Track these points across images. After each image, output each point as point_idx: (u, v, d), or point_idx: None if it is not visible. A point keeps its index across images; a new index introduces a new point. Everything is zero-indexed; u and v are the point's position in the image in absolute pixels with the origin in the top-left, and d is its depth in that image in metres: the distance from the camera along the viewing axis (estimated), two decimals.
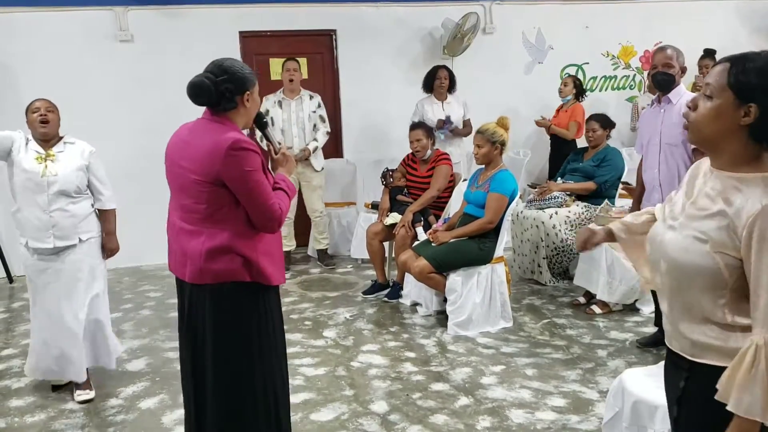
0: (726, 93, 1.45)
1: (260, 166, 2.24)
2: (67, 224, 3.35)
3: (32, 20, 5.82)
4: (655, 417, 2.27)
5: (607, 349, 3.91)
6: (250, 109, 2.33)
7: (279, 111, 5.63)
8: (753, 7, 7.00)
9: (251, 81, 2.31)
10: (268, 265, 2.30)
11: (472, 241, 4.27)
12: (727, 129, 1.46)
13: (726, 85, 1.45)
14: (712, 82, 1.48)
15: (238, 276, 2.25)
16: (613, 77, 7.03)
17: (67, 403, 3.44)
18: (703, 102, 1.50)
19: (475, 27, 6.24)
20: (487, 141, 4.27)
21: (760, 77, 1.42)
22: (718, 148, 1.50)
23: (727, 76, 1.45)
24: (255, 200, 2.21)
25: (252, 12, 6.18)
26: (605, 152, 5.14)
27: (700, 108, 1.50)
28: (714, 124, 1.47)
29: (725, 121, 1.45)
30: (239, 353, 2.33)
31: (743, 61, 1.45)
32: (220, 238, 2.22)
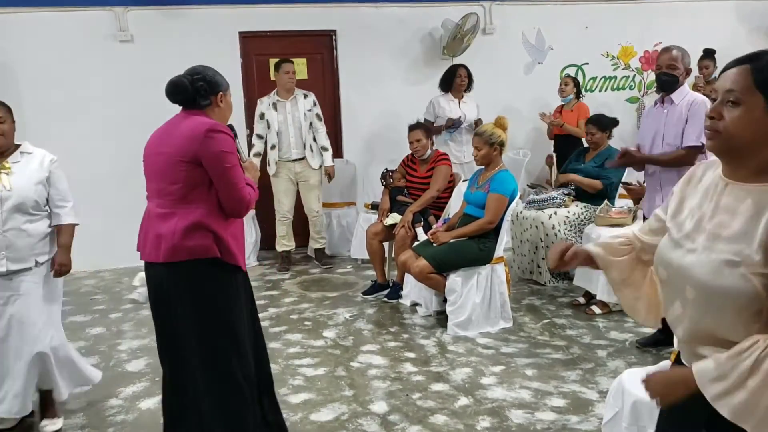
0: (755, 96, 1.33)
1: (236, 151, 2.45)
2: (23, 245, 2.98)
3: (32, 20, 5.82)
4: (656, 417, 2.27)
5: (606, 349, 3.91)
6: (224, 110, 2.57)
7: (274, 113, 5.63)
8: (752, 7, 6.99)
9: (224, 85, 2.57)
10: (234, 247, 2.46)
11: (472, 242, 4.27)
12: (764, 133, 1.34)
13: (752, 86, 1.33)
14: (734, 88, 1.36)
15: (210, 252, 2.40)
16: (613, 78, 7.03)
17: (67, 404, 3.43)
18: (728, 110, 1.37)
19: (474, 27, 6.24)
20: (485, 143, 4.27)
21: None
22: (748, 157, 1.37)
23: (751, 77, 1.34)
24: (227, 180, 2.39)
25: (252, 12, 6.18)
26: (608, 153, 5.14)
27: (727, 117, 1.36)
28: (748, 132, 1.34)
29: (761, 125, 1.33)
30: (215, 331, 2.47)
31: (762, 58, 1.35)
32: (193, 216, 2.39)
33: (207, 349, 2.48)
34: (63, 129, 5.85)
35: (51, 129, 5.80)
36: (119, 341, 4.28)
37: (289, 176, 5.73)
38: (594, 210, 4.98)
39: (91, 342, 4.33)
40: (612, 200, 5.05)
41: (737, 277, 1.32)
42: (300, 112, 5.67)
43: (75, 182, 2.95)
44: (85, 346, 4.23)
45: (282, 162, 5.69)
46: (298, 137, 5.66)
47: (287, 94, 5.66)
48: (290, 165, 5.71)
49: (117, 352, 4.14)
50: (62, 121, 5.87)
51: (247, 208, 2.46)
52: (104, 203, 5.76)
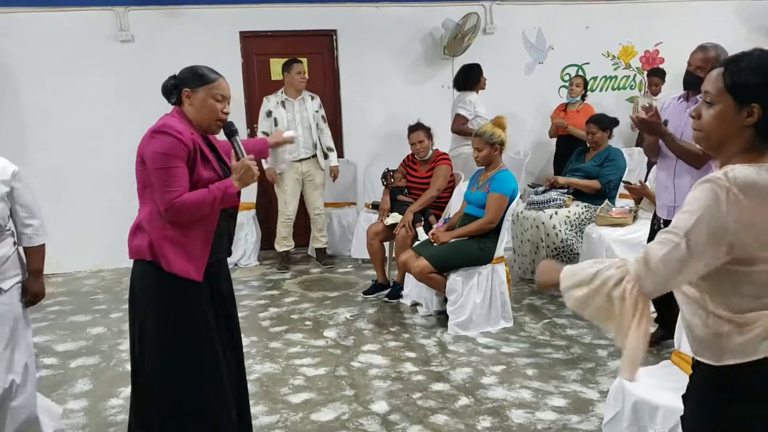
0: (725, 97, 1.46)
1: (178, 153, 2.31)
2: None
3: (32, 20, 5.82)
4: (656, 417, 2.27)
5: (607, 349, 3.91)
6: (196, 107, 2.40)
7: (283, 111, 5.63)
8: (753, 7, 6.99)
9: (192, 82, 2.40)
10: (170, 252, 2.36)
11: (472, 242, 4.27)
12: (732, 132, 1.47)
13: (723, 89, 1.46)
14: (710, 89, 1.50)
15: (143, 254, 2.38)
16: (614, 77, 7.03)
17: (67, 404, 3.44)
18: (705, 110, 1.51)
19: (475, 27, 6.24)
20: (486, 143, 4.27)
21: (756, 75, 1.43)
22: (727, 150, 1.50)
23: (723, 80, 1.47)
24: (158, 181, 2.31)
25: (252, 12, 6.18)
26: (607, 152, 5.15)
27: (703, 116, 1.52)
28: (719, 130, 1.48)
29: (729, 124, 1.46)
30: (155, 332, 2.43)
31: (736, 63, 1.47)
32: (140, 216, 2.42)
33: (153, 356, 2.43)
34: (63, 129, 5.85)
35: (51, 129, 5.81)
36: (120, 341, 4.28)
37: (297, 177, 5.73)
38: (594, 210, 4.98)
39: (92, 342, 4.33)
40: (612, 200, 5.04)
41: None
42: (309, 113, 5.68)
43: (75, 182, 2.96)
44: (85, 345, 4.24)
45: (291, 161, 5.67)
46: (307, 137, 5.68)
47: (296, 93, 5.66)
48: (297, 165, 5.71)
49: (117, 351, 4.14)
50: (63, 121, 5.87)
51: (173, 212, 2.30)
52: (104, 203, 5.77)
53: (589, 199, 5.12)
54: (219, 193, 2.36)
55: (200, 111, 2.41)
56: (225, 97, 2.46)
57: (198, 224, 2.39)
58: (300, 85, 5.61)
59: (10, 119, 5.84)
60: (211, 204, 2.35)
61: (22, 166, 5.78)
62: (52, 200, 5.70)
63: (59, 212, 5.61)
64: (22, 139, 5.86)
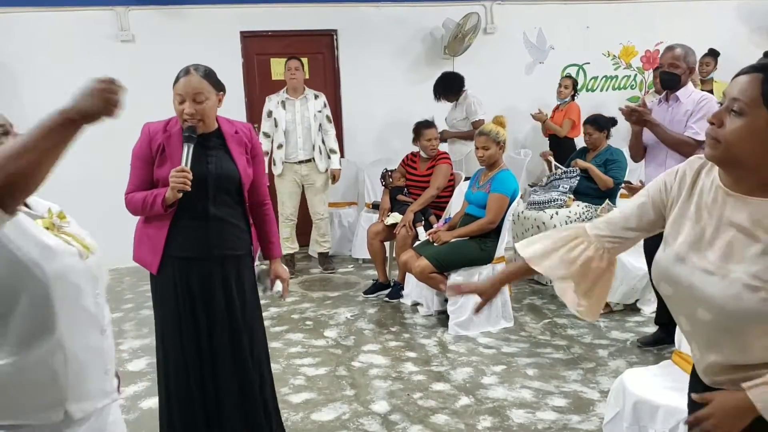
0: (759, 110, 1.26)
1: (138, 153, 2.48)
2: None
3: (33, 20, 5.83)
4: (656, 417, 2.27)
5: (608, 348, 3.91)
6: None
7: (282, 111, 5.56)
8: (753, 6, 6.99)
9: (173, 83, 2.50)
10: (137, 242, 2.55)
11: (473, 241, 4.27)
12: (759, 151, 1.27)
13: (760, 99, 1.26)
14: (741, 98, 1.28)
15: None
16: (614, 77, 7.03)
17: None
18: (731, 119, 1.29)
19: (476, 27, 6.24)
20: (493, 141, 4.26)
21: None
22: (750, 171, 1.31)
23: (761, 89, 1.26)
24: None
25: (253, 12, 6.18)
26: (608, 153, 5.14)
27: (728, 126, 1.29)
28: (747, 145, 1.27)
29: (757, 142, 1.26)
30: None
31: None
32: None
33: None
34: None
35: None
36: (120, 341, 4.28)
37: (295, 179, 5.65)
38: (595, 210, 4.97)
39: None
40: (613, 200, 5.04)
41: (758, 301, 1.27)
42: (310, 113, 5.59)
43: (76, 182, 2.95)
44: None
45: (288, 164, 5.62)
46: (306, 138, 5.58)
47: (295, 92, 5.58)
48: (296, 167, 5.65)
49: (118, 351, 4.13)
50: None
51: (126, 207, 2.49)
52: (105, 203, 5.75)
53: (589, 199, 5.11)
54: (150, 198, 2.40)
55: (176, 113, 2.48)
56: (184, 97, 2.41)
57: (156, 220, 2.47)
58: (290, 82, 5.52)
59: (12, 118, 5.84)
60: (144, 207, 2.43)
61: None
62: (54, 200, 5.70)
63: None
64: None
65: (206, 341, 2.55)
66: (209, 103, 2.43)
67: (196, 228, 2.48)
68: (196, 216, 2.46)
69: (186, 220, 2.46)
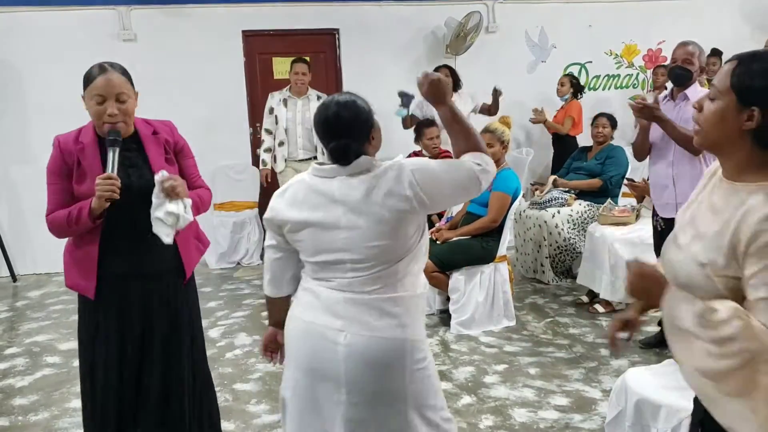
0: (729, 95, 1.35)
1: (53, 168, 2.27)
2: None
3: (35, 20, 5.84)
4: (659, 416, 2.26)
5: (609, 348, 3.90)
6: (89, 112, 2.26)
7: (284, 109, 5.56)
8: (756, 5, 6.98)
9: (84, 85, 2.25)
10: (68, 265, 2.35)
11: (475, 240, 4.26)
12: (730, 134, 1.35)
13: (729, 86, 1.35)
14: (716, 83, 1.38)
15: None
16: (617, 76, 7.02)
17: (70, 402, 3.44)
18: (707, 104, 1.40)
19: (478, 26, 6.24)
20: (498, 140, 4.26)
21: (765, 79, 1.31)
22: (724, 153, 1.41)
23: (731, 77, 1.35)
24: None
25: (255, 11, 6.18)
26: (609, 150, 5.14)
27: (704, 110, 1.40)
28: (717, 128, 1.37)
29: (728, 125, 1.35)
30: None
31: (750, 61, 1.35)
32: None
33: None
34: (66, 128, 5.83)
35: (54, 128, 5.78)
36: None
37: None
38: (597, 208, 4.97)
39: None
40: (615, 198, 5.04)
41: (703, 278, 1.35)
42: (311, 113, 5.57)
43: None
44: None
45: (290, 161, 5.63)
46: (306, 138, 5.58)
47: (299, 93, 5.56)
48: (298, 165, 5.65)
49: None
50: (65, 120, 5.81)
51: (49, 230, 2.27)
52: None
53: (591, 198, 5.11)
54: (75, 212, 2.20)
55: (92, 117, 2.26)
56: (105, 97, 2.21)
57: (84, 241, 2.28)
58: (296, 87, 5.52)
59: (14, 118, 5.86)
60: (69, 223, 2.21)
61: (25, 165, 5.89)
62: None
63: None
64: (25, 138, 5.87)
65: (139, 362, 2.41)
66: (131, 102, 2.29)
67: (128, 243, 2.30)
68: (126, 230, 2.28)
69: (117, 235, 2.29)
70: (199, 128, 5.97)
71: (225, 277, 5.78)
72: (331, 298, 1.86)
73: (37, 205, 6.64)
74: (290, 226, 1.90)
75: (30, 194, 5.96)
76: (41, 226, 2.35)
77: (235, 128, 6.28)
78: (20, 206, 5.97)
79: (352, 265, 1.83)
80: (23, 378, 3.77)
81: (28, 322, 4.76)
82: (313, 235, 1.87)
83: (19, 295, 5.47)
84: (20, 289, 5.66)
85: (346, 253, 1.83)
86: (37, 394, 3.57)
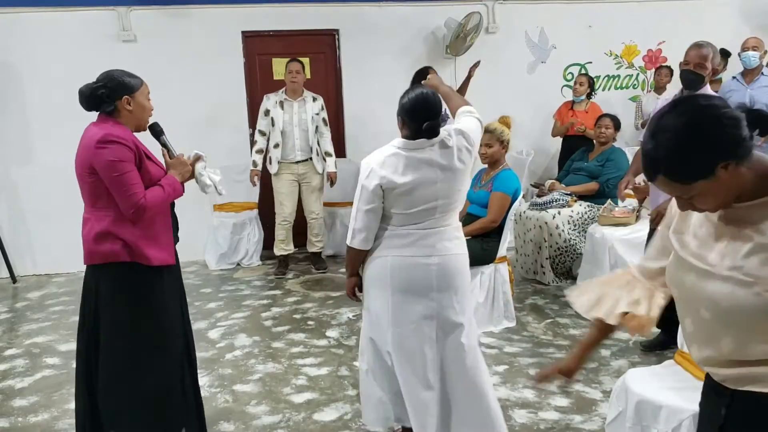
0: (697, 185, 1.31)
1: (129, 158, 2.48)
2: None
3: (35, 20, 5.84)
4: (659, 417, 2.26)
5: (610, 348, 3.90)
6: (135, 112, 2.57)
7: (280, 111, 5.57)
8: (757, 5, 6.97)
9: (130, 87, 2.55)
10: (147, 247, 2.55)
11: (475, 241, 4.25)
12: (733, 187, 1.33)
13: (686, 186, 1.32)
14: (680, 194, 1.37)
15: (120, 257, 2.52)
16: (617, 76, 7.01)
17: (70, 403, 3.43)
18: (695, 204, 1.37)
19: (477, 26, 6.24)
20: (497, 140, 4.25)
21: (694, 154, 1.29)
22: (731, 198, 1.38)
23: (678, 182, 1.33)
24: (118, 189, 2.46)
25: (255, 12, 6.18)
26: (610, 153, 5.14)
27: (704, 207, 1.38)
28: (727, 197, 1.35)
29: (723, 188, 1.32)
30: (127, 331, 2.57)
31: (666, 162, 1.31)
32: (104, 223, 2.51)
33: (125, 356, 2.58)
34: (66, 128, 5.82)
35: (54, 128, 5.81)
36: None
37: (292, 178, 5.67)
38: (598, 209, 4.97)
39: None
40: (615, 200, 5.04)
41: (752, 296, 1.32)
42: (308, 115, 5.60)
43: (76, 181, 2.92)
44: None
45: (285, 163, 5.64)
46: (302, 140, 5.60)
47: (294, 94, 5.59)
48: (293, 166, 5.66)
49: None
50: (65, 121, 5.84)
51: (141, 211, 2.49)
52: None
53: (592, 199, 5.11)
54: (170, 188, 2.60)
55: (140, 113, 2.59)
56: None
57: (157, 217, 2.59)
58: (290, 85, 5.53)
59: (15, 119, 5.86)
60: (166, 199, 2.59)
61: (27, 165, 5.90)
62: (56, 200, 5.71)
63: (63, 212, 5.61)
64: (26, 138, 5.87)
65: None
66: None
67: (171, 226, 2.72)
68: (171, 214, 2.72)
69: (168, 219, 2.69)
70: (199, 129, 5.98)
71: (225, 278, 5.77)
72: (422, 235, 2.57)
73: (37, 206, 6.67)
74: (399, 189, 2.51)
75: (30, 195, 5.97)
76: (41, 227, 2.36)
77: (234, 129, 6.28)
78: (20, 207, 5.96)
79: (441, 208, 2.57)
80: (23, 379, 3.77)
81: (27, 323, 4.75)
82: (418, 191, 2.53)
83: (18, 296, 5.47)
84: (20, 290, 5.65)
85: (440, 200, 2.56)
86: (36, 395, 3.57)
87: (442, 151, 2.56)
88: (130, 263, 2.52)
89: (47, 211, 5.85)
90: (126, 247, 2.51)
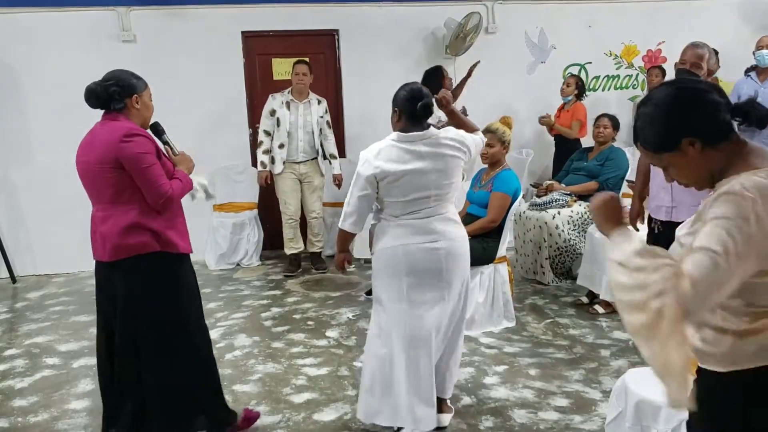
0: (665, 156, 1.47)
1: (153, 150, 2.59)
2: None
3: (35, 21, 5.84)
4: (659, 417, 2.26)
5: (610, 348, 3.90)
6: (141, 110, 2.67)
7: (286, 112, 5.56)
8: (756, 5, 6.97)
9: (139, 87, 2.66)
10: (174, 236, 2.66)
11: (474, 241, 4.24)
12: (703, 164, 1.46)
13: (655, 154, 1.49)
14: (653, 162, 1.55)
15: (150, 247, 2.60)
16: (616, 77, 7.01)
17: (70, 403, 3.44)
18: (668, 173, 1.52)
19: (477, 27, 6.24)
20: (499, 140, 4.25)
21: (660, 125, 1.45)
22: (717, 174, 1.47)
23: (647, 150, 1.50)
24: (146, 180, 2.55)
25: (255, 12, 6.18)
26: (609, 152, 5.14)
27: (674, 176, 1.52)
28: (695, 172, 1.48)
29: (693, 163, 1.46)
30: (164, 324, 2.67)
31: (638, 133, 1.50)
32: (130, 216, 2.57)
33: (156, 345, 2.69)
34: (66, 128, 5.84)
35: (54, 128, 5.81)
36: None
37: (294, 176, 5.68)
38: None
39: (94, 342, 4.32)
40: None
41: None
42: (313, 117, 5.61)
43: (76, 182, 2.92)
44: (88, 345, 4.24)
45: (289, 163, 5.64)
46: (306, 142, 5.61)
47: (300, 95, 5.59)
48: (296, 165, 5.67)
49: None
50: (65, 121, 5.86)
51: (168, 201, 2.60)
52: None
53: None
54: (185, 180, 2.74)
55: (144, 113, 2.69)
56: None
57: (178, 207, 2.74)
58: (297, 86, 5.54)
59: (14, 119, 5.86)
60: (183, 190, 2.72)
61: (27, 165, 5.90)
62: (56, 200, 5.71)
63: (63, 212, 5.62)
64: (26, 138, 5.87)
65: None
66: None
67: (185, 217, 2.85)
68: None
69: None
70: (198, 129, 5.99)
71: (224, 278, 5.77)
72: (423, 223, 2.82)
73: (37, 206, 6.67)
74: (390, 177, 2.74)
75: (30, 195, 5.97)
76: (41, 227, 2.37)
77: (234, 129, 6.28)
78: (20, 207, 5.96)
79: (435, 198, 2.81)
80: (23, 379, 3.77)
81: (27, 323, 4.75)
82: (410, 181, 2.75)
83: (18, 297, 5.47)
84: (20, 290, 5.65)
85: (432, 190, 2.79)
86: (36, 395, 3.57)
87: (434, 145, 2.81)
88: (159, 253, 2.61)
89: (47, 211, 5.85)
90: (155, 236, 2.59)
